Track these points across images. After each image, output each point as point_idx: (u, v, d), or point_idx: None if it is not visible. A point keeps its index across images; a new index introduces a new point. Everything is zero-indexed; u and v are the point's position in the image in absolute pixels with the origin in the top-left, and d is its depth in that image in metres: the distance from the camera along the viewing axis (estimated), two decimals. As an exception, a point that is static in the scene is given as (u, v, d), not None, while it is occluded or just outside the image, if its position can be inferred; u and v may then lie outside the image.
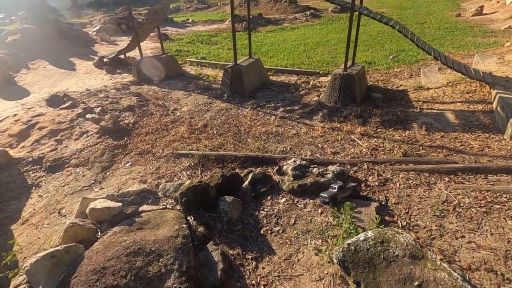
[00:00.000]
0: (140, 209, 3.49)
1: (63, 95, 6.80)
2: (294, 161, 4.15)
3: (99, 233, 3.10)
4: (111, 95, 7.65)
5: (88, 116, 6.03)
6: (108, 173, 4.73)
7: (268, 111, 6.75)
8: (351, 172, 4.10)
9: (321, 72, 9.48)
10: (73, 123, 5.97)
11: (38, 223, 3.94)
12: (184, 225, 3.19)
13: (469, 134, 4.77)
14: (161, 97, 7.86)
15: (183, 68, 10.71)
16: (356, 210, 3.30)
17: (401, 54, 9.99)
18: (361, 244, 2.69)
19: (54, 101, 6.65)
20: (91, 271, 2.50)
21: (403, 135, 5.09)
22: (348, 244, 2.72)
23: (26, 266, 2.45)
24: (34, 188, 4.63)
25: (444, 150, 4.44)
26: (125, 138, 5.55)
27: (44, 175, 4.84)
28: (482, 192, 3.47)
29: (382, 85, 7.93)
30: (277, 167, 4.29)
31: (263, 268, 2.97)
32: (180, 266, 2.69)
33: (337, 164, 4.26)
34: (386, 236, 2.72)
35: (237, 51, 8.14)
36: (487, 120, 5.09)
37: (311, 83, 8.54)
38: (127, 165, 4.86)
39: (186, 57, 12.21)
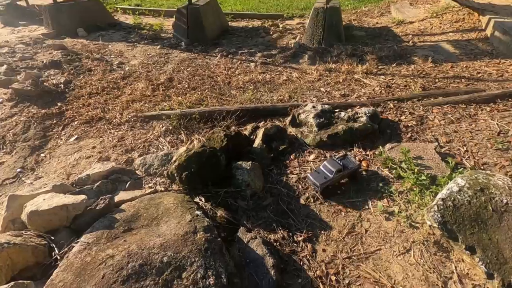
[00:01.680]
0: (117, 199, 2.24)
1: None
2: (314, 107, 3.22)
3: (56, 251, 1.83)
4: (19, 50, 5.44)
5: (-12, 78, 4.05)
6: (42, 155, 3.17)
7: (244, 58, 5.56)
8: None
9: (285, 15, 8.41)
10: (-36, 89, 3.95)
11: None
12: (197, 212, 2.10)
13: (478, 61, 4.40)
14: (96, 50, 5.94)
15: (115, 18, 8.48)
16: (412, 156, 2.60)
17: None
18: (458, 196, 1.99)
19: None
20: (64, 329, 1.32)
21: (410, 69, 4.51)
22: (443, 199, 2.00)
23: None
24: None
25: (462, 80, 3.98)
26: (58, 104, 3.86)
27: None
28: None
29: (357, 24, 7.26)
30: (290, 118, 3.32)
31: (323, 250, 2.12)
32: (217, 277, 1.66)
33: (358, 107, 3.48)
34: (480, 181, 2.07)
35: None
36: (486, 47, 4.79)
37: (281, 26, 7.45)
38: (72, 139, 3.34)
39: (115, 5, 9.77)
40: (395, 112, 3.41)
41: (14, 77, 4.15)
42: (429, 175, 2.37)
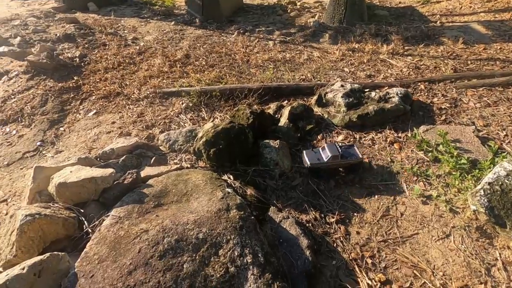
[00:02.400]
0: (143, 174, 2.17)
1: None
2: (343, 86, 3.06)
3: (86, 224, 1.77)
4: (31, 23, 5.28)
5: (2, 49, 3.94)
6: (62, 129, 3.09)
7: (262, 36, 5.34)
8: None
9: (302, -8, 8.03)
10: (-21, 61, 3.85)
11: (-42, 218, 2.36)
12: (228, 189, 2.02)
13: (513, 43, 4.15)
14: (108, 25, 5.74)
15: (126, -8, 8.19)
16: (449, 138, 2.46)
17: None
18: (506, 181, 1.88)
19: None
20: (104, 302, 1.27)
21: (439, 50, 4.27)
22: (490, 183, 1.89)
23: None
24: None
25: (497, 62, 3.76)
26: (75, 78, 3.74)
27: None
28: None
29: (378, 3, 6.91)
30: (315, 97, 3.17)
31: (357, 233, 2.05)
32: (254, 256, 1.60)
33: (387, 88, 3.31)
34: (528, 165, 1.94)
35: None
36: (521, 29, 4.51)
37: (298, 4, 7.13)
38: (90, 114, 3.25)
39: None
40: (426, 94, 3.24)
41: (29, 49, 4.03)
42: (470, 159, 2.25)
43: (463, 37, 4.49)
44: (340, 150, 2.27)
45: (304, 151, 2.38)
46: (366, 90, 3.11)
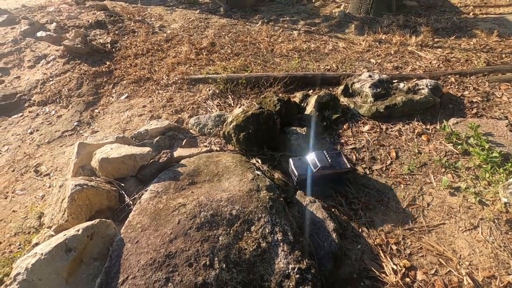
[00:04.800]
0: (176, 154, 2.27)
1: (-10, 6, 4.61)
2: (371, 76, 3.05)
3: (126, 198, 1.90)
4: (64, 9, 5.49)
5: (40, 34, 4.14)
6: (96, 111, 3.26)
7: (286, 26, 5.32)
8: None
9: (326, -18, 7.87)
10: (19, 44, 4.08)
11: (6, 189, 2.57)
12: (258, 172, 2.09)
13: (553, 37, 3.95)
14: (136, 12, 5.88)
15: (151, -19, 8.31)
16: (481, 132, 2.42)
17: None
18: (540, 175, 1.85)
19: (-21, 15, 4.48)
20: (150, 265, 1.38)
21: (471, 43, 4.13)
22: (523, 176, 1.87)
23: (18, 275, 1.25)
24: (-18, 139, 3.08)
25: (534, 56, 3.61)
26: (107, 63, 3.90)
27: (-6, 119, 3.24)
28: None
29: (406, -7, 6.68)
30: (342, 87, 3.17)
31: (382, 220, 2.08)
32: (284, 234, 1.67)
33: (415, 80, 3.26)
34: None
35: None
36: (562, 22, 4.27)
37: (323, -6, 7.00)
38: (122, 97, 3.39)
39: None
40: (457, 86, 3.17)
41: (64, 35, 4.22)
42: (502, 152, 2.21)
43: (498, 30, 4.31)
44: (329, 160, 2.15)
45: (291, 159, 2.21)
46: (395, 81, 3.08)
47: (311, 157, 2.19)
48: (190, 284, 1.34)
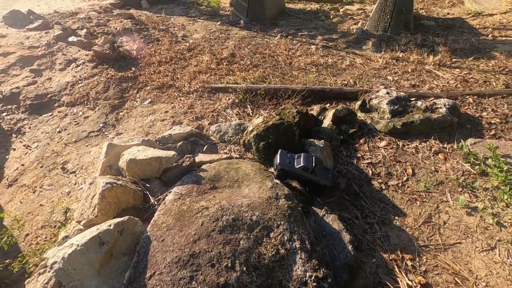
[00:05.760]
0: (197, 159, 2.36)
1: (27, 11, 4.92)
2: (388, 93, 3.10)
3: (151, 198, 1.99)
4: (93, 16, 5.79)
5: (71, 39, 4.38)
6: (121, 114, 3.41)
7: (304, 40, 5.45)
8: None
9: (344, 0, 8.05)
10: (52, 48, 4.32)
11: (34, 183, 2.71)
12: (277, 181, 2.16)
13: None
14: (160, 22, 6.14)
15: (174, -8, 8.67)
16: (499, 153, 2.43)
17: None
18: (561, 199, 1.85)
19: (17, 19, 4.79)
20: (175, 263, 1.45)
21: (490, 64, 4.15)
22: (543, 200, 1.87)
23: (55, 263, 1.34)
24: (14, 136, 3.25)
25: (555, 80, 3.60)
26: (132, 69, 4.09)
27: (25, 117, 3.42)
28: None
29: (424, 13, 6.77)
30: (359, 102, 3.24)
31: (397, 235, 2.10)
32: (302, 242, 1.72)
33: (432, 98, 3.29)
34: None
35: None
36: None
37: (341, 11, 7.16)
38: (146, 102, 3.54)
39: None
40: (475, 107, 3.19)
41: (93, 41, 4.45)
42: (521, 174, 2.22)
43: (516, 53, 4.32)
44: (313, 165, 2.22)
45: (280, 151, 2.29)
46: (412, 98, 3.12)
47: (300, 156, 2.28)
48: (212, 284, 1.40)
